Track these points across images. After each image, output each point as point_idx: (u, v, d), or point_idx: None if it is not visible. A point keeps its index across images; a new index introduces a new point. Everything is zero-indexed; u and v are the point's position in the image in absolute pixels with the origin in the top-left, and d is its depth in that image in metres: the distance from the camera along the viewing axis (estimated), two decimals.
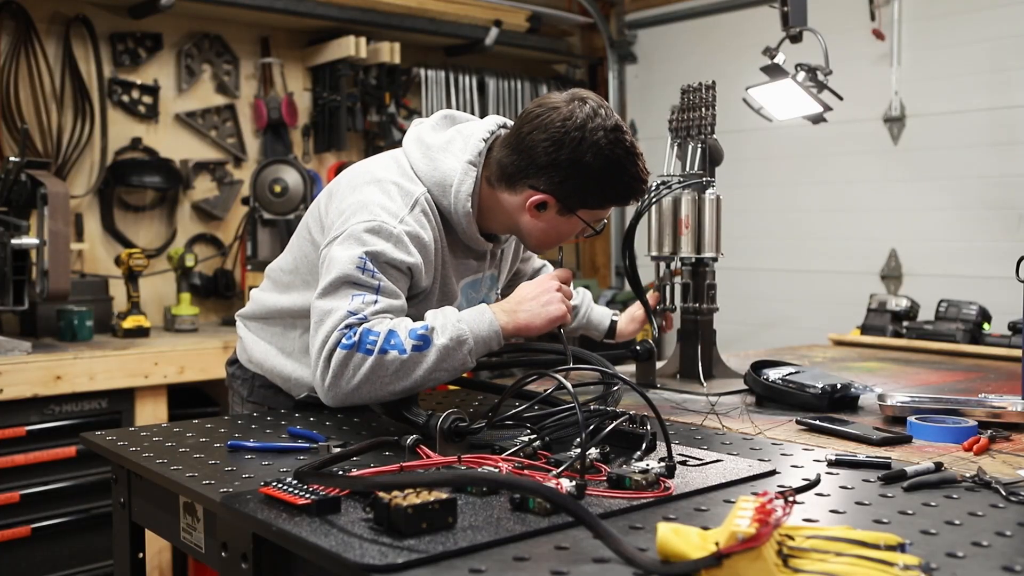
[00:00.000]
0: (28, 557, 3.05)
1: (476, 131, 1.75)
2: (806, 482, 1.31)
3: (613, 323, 2.31)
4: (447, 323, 1.59)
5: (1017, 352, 2.53)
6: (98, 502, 3.17)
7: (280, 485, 1.19)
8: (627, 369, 2.33)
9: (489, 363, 1.88)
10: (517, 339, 1.82)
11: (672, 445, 1.36)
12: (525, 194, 1.70)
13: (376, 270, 1.60)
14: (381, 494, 1.08)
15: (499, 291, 2.01)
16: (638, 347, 2.18)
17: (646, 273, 2.27)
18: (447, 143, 1.75)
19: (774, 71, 2.87)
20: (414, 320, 1.62)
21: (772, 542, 0.91)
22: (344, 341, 1.55)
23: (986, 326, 3.04)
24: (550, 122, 1.64)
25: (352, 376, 1.55)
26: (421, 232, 1.67)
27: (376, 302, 1.59)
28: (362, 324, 1.56)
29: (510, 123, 1.77)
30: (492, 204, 1.75)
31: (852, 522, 1.14)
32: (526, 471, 1.27)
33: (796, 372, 2.01)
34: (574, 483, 1.18)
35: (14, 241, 2.93)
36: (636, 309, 2.30)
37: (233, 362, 2.03)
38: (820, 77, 2.84)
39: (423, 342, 1.56)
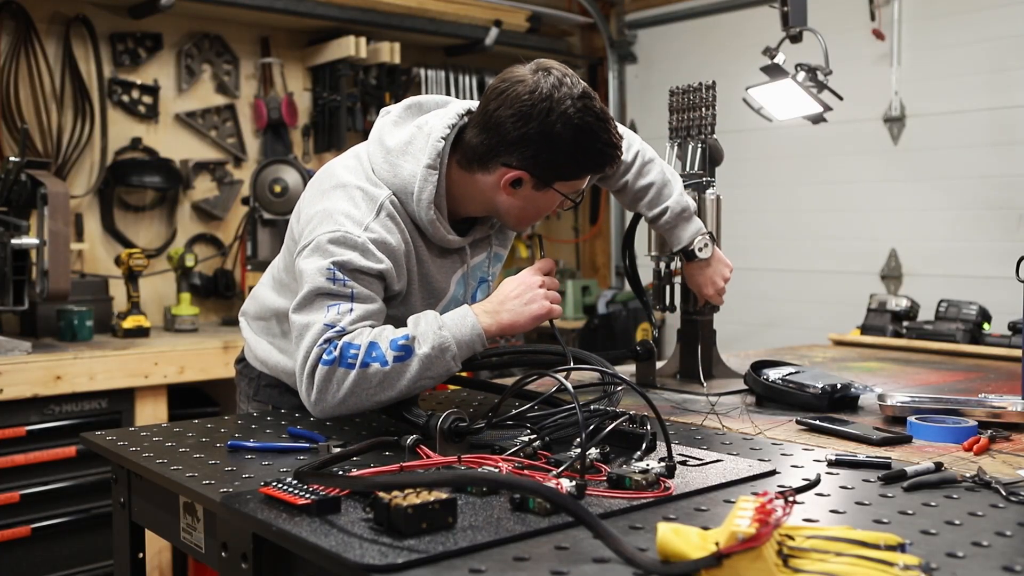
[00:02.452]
0: (28, 557, 3.05)
1: (435, 128, 1.69)
2: (806, 482, 1.31)
3: (694, 256, 2.11)
4: (428, 330, 1.57)
5: (1017, 352, 2.53)
6: (98, 502, 3.17)
7: (280, 485, 1.19)
8: (627, 369, 2.33)
9: (489, 363, 1.88)
10: (512, 338, 1.82)
11: (672, 445, 1.36)
12: (499, 172, 1.66)
13: (347, 278, 1.59)
14: (381, 494, 1.08)
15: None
16: (638, 347, 2.17)
17: (646, 273, 2.27)
18: (407, 144, 1.71)
19: (774, 71, 2.87)
20: (397, 324, 1.62)
21: (772, 542, 0.91)
22: (325, 356, 1.54)
23: (986, 326, 3.04)
24: (516, 96, 1.60)
25: (337, 391, 1.55)
26: (388, 237, 1.64)
27: (352, 310, 1.58)
28: (342, 337, 1.55)
29: (476, 106, 1.73)
30: (468, 188, 1.71)
31: (852, 522, 1.14)
32: (526, 471, 1.27)
33: (796, 372, 2.00)
34: (574, 483, 1.18)
35: (14, 241, 2.93)
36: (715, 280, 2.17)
37: (240, 360, 2.03)
38: (820, 77, 2.84)
39: (405, 352, 1.54)
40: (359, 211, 1.65)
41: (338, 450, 1.43)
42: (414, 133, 1.71)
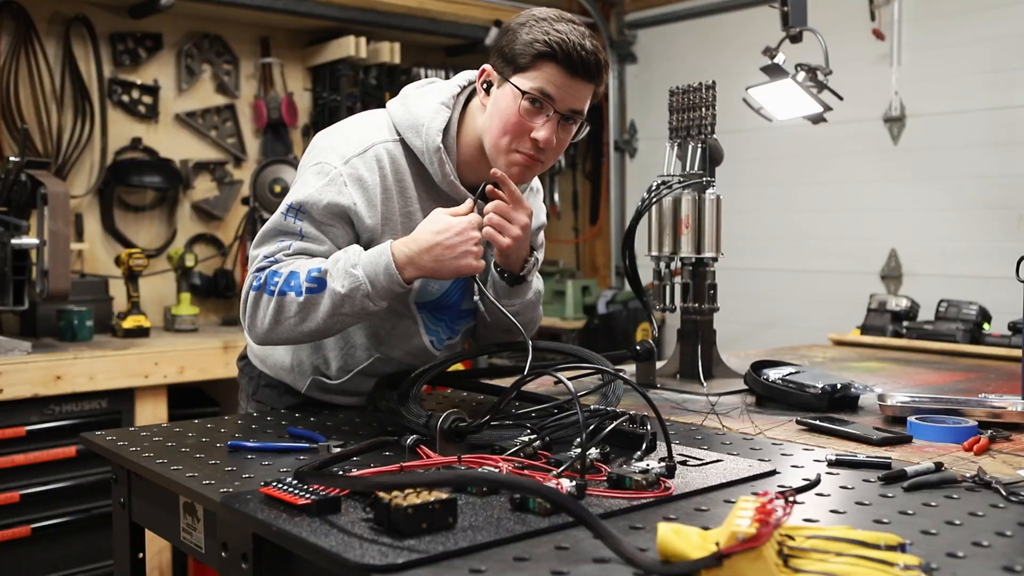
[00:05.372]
0: (28, 557, 3.05)
1: (454, 79, 1.80)
2: (806, 482, 1.31)
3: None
4: (345, 267, 1.59)
5: (1017, 352, 2.53)
6: (98, 502, 3.17)
7: (280, 485, 1.19)
8: (627, 369, 2.33)
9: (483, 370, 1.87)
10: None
11: (672, 445, 1.36)
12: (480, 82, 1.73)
13: (296, 218, 1.66)
14: (381, 494, 1.08)
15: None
16: (638, 347, 2.17)
17: (646, 273, 2.27)
18: (425, 92, 1.79)
19: (774, 71, 2.87)
20: None
21: (772, 542, 0.91)
22: (254, 283, 1.64)
23: (986, 326, 3.04)
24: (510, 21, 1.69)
25: (263, 317, 1.63)
26: (365, 174, 1.68)
27: (291, 246, 1.65)
28: (272, 265, 1.63)
29: None
30: (473, 138, 1.74)
31: (852, 522, 1.14)
32: (526, 471, 1.27)
33: (796, 372, 2.00)
34: (574, 483, 1.18)
35: (14, 241, 2.93)
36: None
37: (243, 358, 2.04)
38: (820, 77, 2.84)
39: (317, 285, 1.59)
40: (347, 146, 1.71)
41: (338, 450, 1.43)
42: (431, 87, 1.80)
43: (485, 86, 1.71)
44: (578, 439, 1.33)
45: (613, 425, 1.41)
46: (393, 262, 1.58)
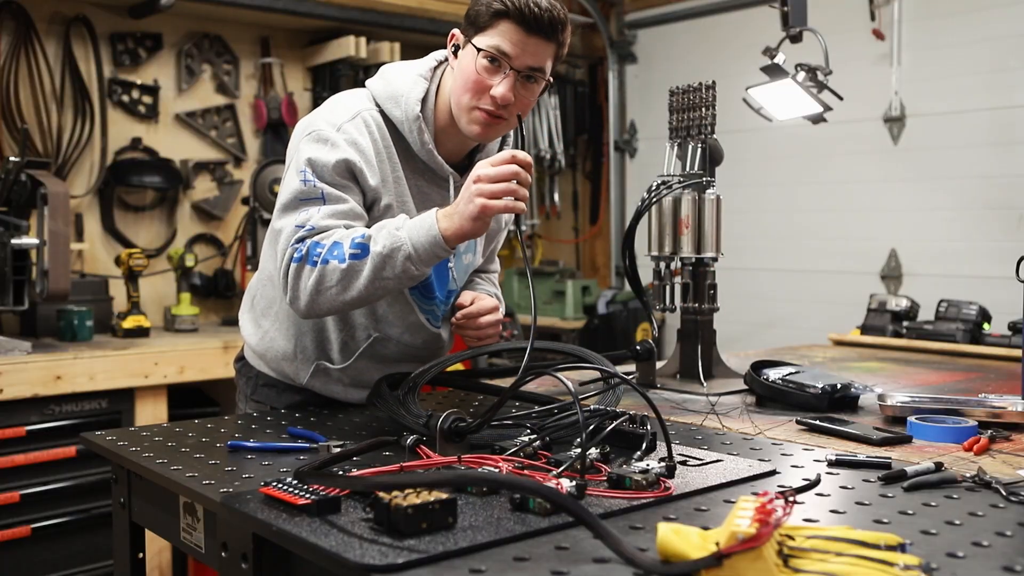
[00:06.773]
0: (28, 557, 3.05)
1: (430, 55, 1.84)
2: (806, 482, 1.31)
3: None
4: (387, 231, 1.61)
5: (1017, 352, 2.53)
6: (98, 502, 3.17)
7: (280, 485, 1.19)
8: (627, 369, 2.33)
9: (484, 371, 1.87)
10: (511, 330, 1.80)
11: (672, 445, 1.36)
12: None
13: (316, 179, 1.67)
14: (381, 494, 1.08)
15: (479, 255, 1.97)
16: (638, 347, 2.17)
17: (646, 273, 2.27)
18: (402, 66, 1.84)
19: (774, 71, 2.87)
20: None
21: (772, 542, 0.91)
22: (295, 255, 1.64)
23: (986, 326, 3.04)
24: None
25: (305, 288, 1.64)
26: (358, 137, 1.72)
27: (320, 210, 1.66)
28: (311, 235, 1.64)
29: None
30: (447, 111, 1.78)
31: (852, 522, 1.14)
32: (526, 471, 1.27)
33: (796, 372, 2.00)
34: (574, 483, 1.18)
35: (14, 241, 2.93)
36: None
37: (240, 359, 2.04)
38: (820, 77, 2.84)
39: (361, 250, 1.60)
40: (335, 116, 1.75)
41: (338, 450, 1.43)
42: (407, 63, 1.85)
43: (454, 50, 1.76)
44: (578, 439, 1.33)
45: (613, 425, 1.41)
46: (436, 222, 1.59)
